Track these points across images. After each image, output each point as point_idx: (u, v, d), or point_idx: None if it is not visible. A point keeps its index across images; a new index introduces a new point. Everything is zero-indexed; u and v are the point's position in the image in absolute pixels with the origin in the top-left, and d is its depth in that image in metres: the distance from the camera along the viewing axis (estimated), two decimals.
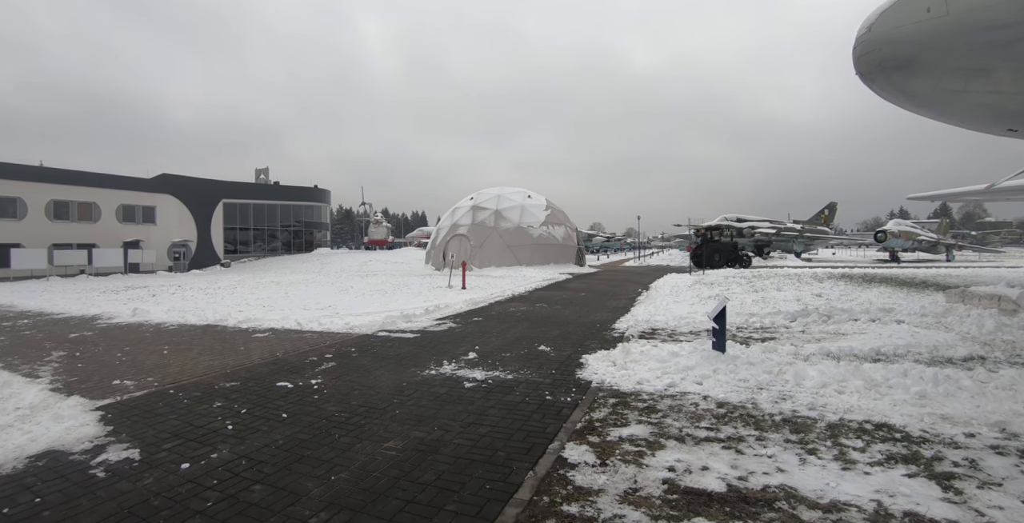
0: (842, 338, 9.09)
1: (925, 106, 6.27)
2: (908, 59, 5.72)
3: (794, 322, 10.64)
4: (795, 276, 23.13)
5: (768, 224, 48.91)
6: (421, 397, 5.69)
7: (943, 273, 26.57)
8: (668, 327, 10.19)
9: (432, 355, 7.75)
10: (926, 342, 8.50)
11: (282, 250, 50.49)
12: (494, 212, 32.11)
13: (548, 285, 20.77)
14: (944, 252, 47.35)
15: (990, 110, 6.07)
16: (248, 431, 4.74)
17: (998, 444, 4.45)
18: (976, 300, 10.79)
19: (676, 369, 6.36)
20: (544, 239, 32.10)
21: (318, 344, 8.64)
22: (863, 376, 6.03)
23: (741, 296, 15.30)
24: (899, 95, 6.16)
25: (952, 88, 5.80)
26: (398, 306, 12.91)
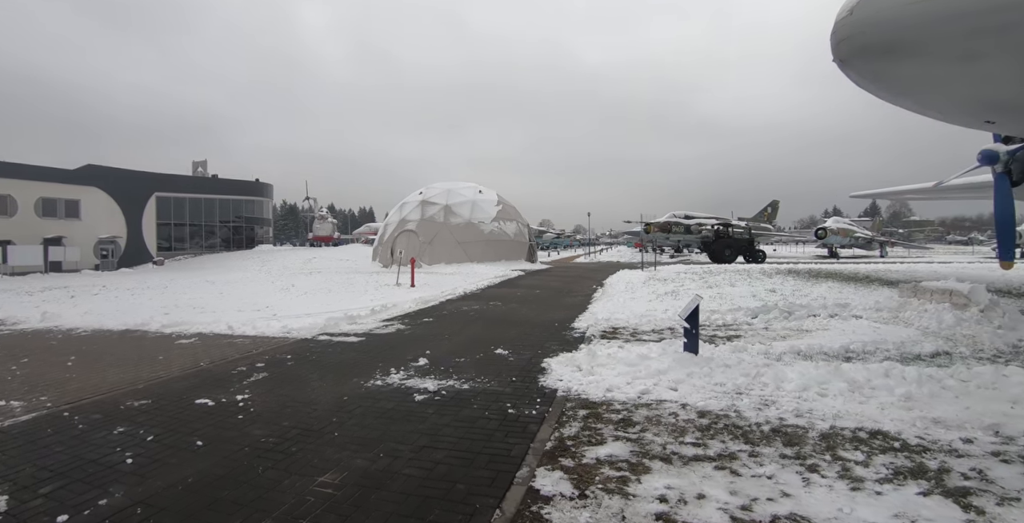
0: (807, 335, 8.84)
1: (905, 94, 5.94)
2: (893, 44, 5.37)
3: (756, 319, 10.39)
4: (744, 272, 23.28)
5: (715, 221, 49.74)
6: (365, 414, 4.94)
7: (882, 269, 27.37)
8: (630, 325, 9.74)
9: (378, 362, 6.98)
10: (891, 338, 8.32)
11: (221, 247, 48.03)
12: (444, 207, 31.22)
13: (501, 282, 20.17)
14: (878, 248, 49.36)
15: (974, 99, 5.79)
16: (152, 466, 3.90)
17: (998, 450, 4.14)
18: (928, 295, 10.78)
19: (647, 373, 5.84)
20: (495, 235, 31.46)
21: (250, 351, 7.72)
22: (844, 377, 5.66)
23: (697, 292, 15.04)
24: (879, 82, 5.81)
25: (938, 75, 5.49)
26: (342, 306, 12.00)
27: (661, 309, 11.27)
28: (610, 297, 14.08)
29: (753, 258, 36.79)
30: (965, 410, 4.95)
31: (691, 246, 49.88)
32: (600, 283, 19.17)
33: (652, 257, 33.44)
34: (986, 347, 8.03)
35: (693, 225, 48.42)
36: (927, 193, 18.41)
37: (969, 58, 5.28)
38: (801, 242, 65.52)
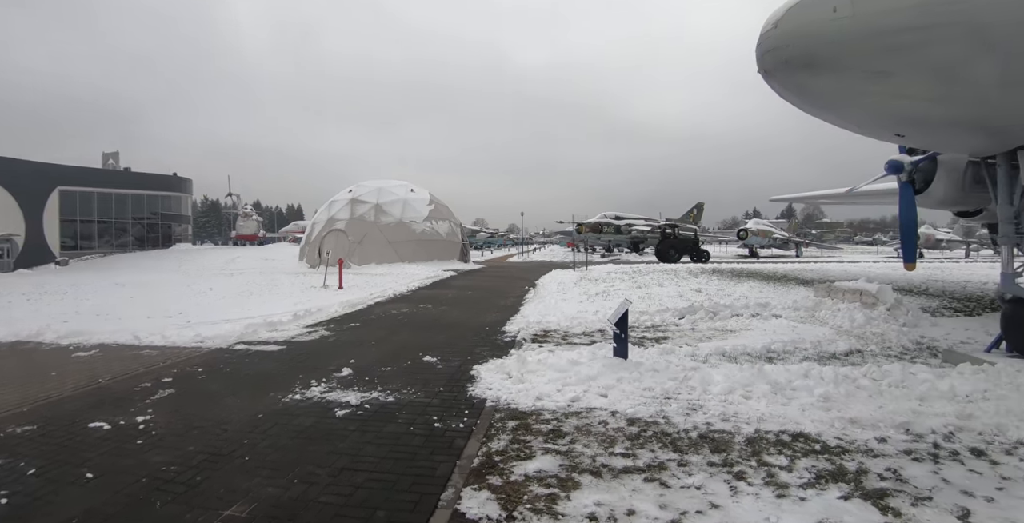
0: (731, 336, 9.09)
1: (823, 107, 6.17)
2: (813, 58, 5.55)
3: (683, 319, 10.62)
4: (671, 271, 23.94)
5: (644, 222, 51.15)
6: (280, 434, 4.60)
7: (798, 268, 28.84)
8: (561, 328, 9.73)
9: (299, 373, 6.59)
10: (808, 337, 8.66)
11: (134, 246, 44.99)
12: (374, 206, 30.45)
13: (432, 283, 19.86)
14: (794, 248, 52.16)
15: (885, 114, 6.08)
16: (33, 505, 3.43)
17: (910, 449, 4.33)
18: (841, 294, 11.35)
19: (578, 379, 5.78)
20: (428, 235, 31.00)
21: (156, 364, 7.13)
22: (767, 379, 5.79)
23: (627, 293, 15.32)
24: (800, 94, 6.00)
25: (853, 90, 5.71)
26: (264, 311, 11.39)
27: (592, 310, 11.34)
28: (542, 298, 14.09)
29: (698, 257, 38.12)
30: (879, 409, 5.16)
31: (621, 246, 51.10)
32: (532, 284, 19.20)
33: (584, 256, 33.91)
34: (893, 344, 8.50)
35: (623, 225, 49.67)
36: (840, 198, 19.49)
37: (881, 75, 5.51)
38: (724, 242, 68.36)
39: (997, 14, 5.27)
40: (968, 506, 3.39)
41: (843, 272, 24.67)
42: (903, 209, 10.99)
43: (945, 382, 5.63)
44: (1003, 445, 4.44)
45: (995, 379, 5.65)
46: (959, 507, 3.37)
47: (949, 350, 7.76)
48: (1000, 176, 6.83)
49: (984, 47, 5.38)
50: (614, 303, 12.86)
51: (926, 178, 11.21)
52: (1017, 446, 4.43)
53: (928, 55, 5.41)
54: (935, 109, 5.86)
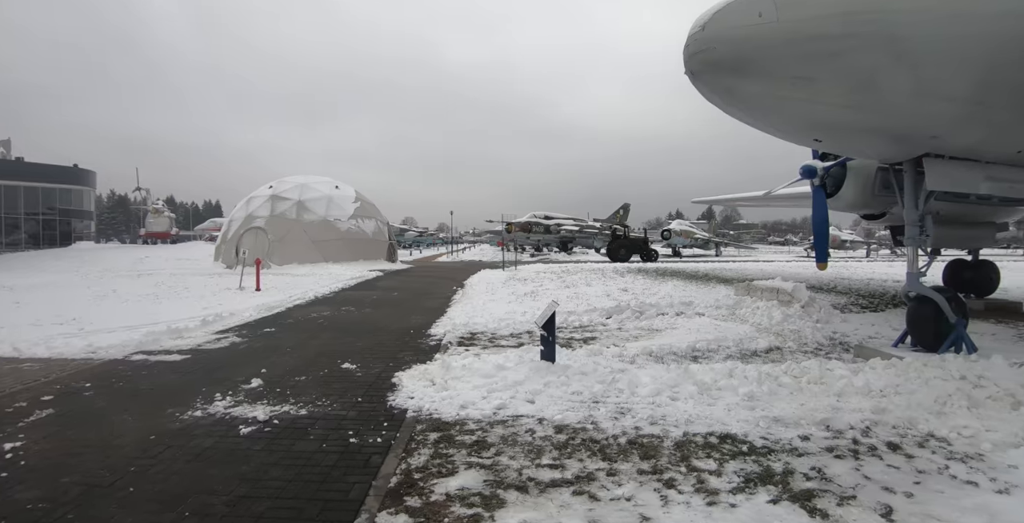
0: (657, 335, 9.16)
1: (747, 111, 6.24)
2: (739, 62, 5.59)
3: (610, 319, 10.64)
4: (599, 271, 24.27)
5: (572, 222, 51.90)
6: (175, 458, 4.09)
7: (718, 267, 29.99)
8: (488, 330, 9.50)
9: (202, 386, 6.00)
10: (731, 335, 8.84)
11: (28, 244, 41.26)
12: (297, 203, 29.14)
13: (357, 284, 19.18)
14: (714, 248, 54.36)
15: (805, 119, 6.22)
16: None
17: (832, 445, 4.38)
18: (759, 293, 11.73)
19: (504, 385, 5.56)
20: (353, 233, 30.01)
21: (37, 379, 6.30)
22: (693, 379, 5.79)
23: (556, 292, 15.31)
24: (726, 98, 6.04)
25: (776, 95, 5.80)
26: (170, 316, 10.49)
27: (520, 311, 11.19)
28: (470, 299, 13.83)
29: (647, 256, 39.33)
30: (800, 407, 5.23)
31: (550, 245, 51.62)
32: (461, 284, 18.91)
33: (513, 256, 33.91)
34: (809, 341, 8.81)
35: (552, 225, 50.19)
36: (758, 201, 20.31)
37: (803, 80, 5.62)
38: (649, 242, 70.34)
39: (911, 27, 5.48)
40: (890, 503, 3.42)
41: (759, 271, 25.82)
42: (815, 211, 11.48)
43: (860, 378, 5.80)
44: (915, 438, 4.59)
45: (904, 373, 5.87)
46: (882, 504, 3.40)
47: (860, 345, 8.11)
48: (906, 182, 7.15)
49: (898, 58, 5.57)
50: (542, 303, 12.76)
51: (837, 183, 11.77)
52: (928, 438, 4.59)
53: (847, 63, 5.55)
54: (851, 116, 6.04)
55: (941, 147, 6.65)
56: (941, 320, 7.14)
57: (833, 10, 5.38)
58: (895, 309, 13.11)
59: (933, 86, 5.81)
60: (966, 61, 5.74)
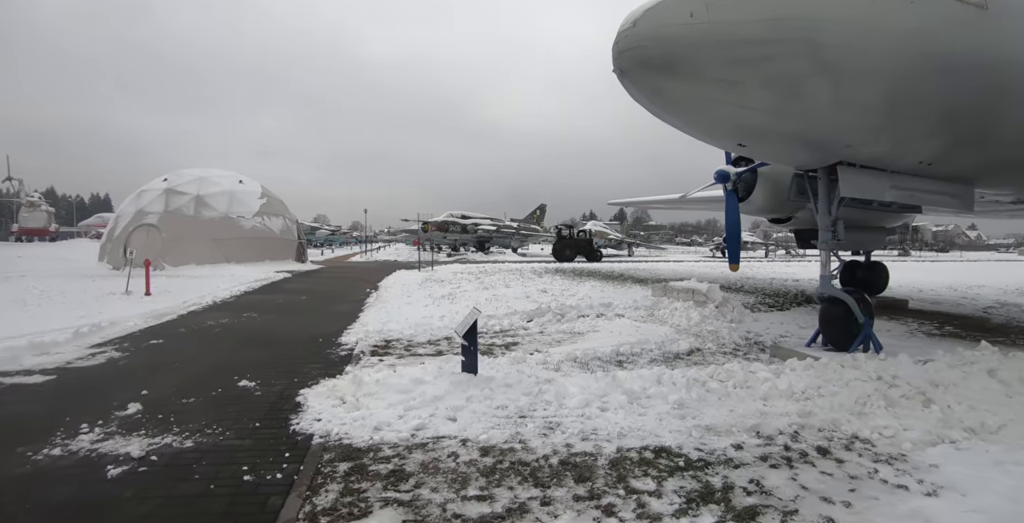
0: (580, 338, 8.98)
1: (675, 113, 6.12)
2: (669, 61, 5.44)
3: (531, 322, 10.37)
4: (517, 271, 24.13)
5: (489, 221, 51.77)
6: (16, 515, 3.29)
7: (632, 267, 30.71)
8: (404, 337, 8.96)
9: (66, 414, 5.05)
10: (652, 337, 8.79)
11: None
12: (195, 198, 26.87)
13: (262, 286, 17.92)
14: (627, 249, 55.93)
15: (731, 124, 6.17)
16: None
17: (765, 453, 4.30)
18: (676, 293, 11.89)
19: (423, 401, 5.09)
20: (259, 232, 28.13)
21: None
22: (622, 388, 5.56)
23: (474, 294, 14.92)
24: (653, 98, 5.88)
25: (704, 97, 5.70)
26: (37, 327, 9.12)
27: (438, 315, 10.71)
28: (384, 302, 13.16)
29: (592, 257, 41.12)
30: (730, 413, 5.12)
31: (468, 245, 51.23)
32: (375, 286, 18.10)
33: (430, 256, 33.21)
34: (727, 341, 8.91)
35: (469, 225, 49.84)
36: (673, 203, 20.87)
37: (731, 84, 5.54)
38: None
39: (833, 36, 5.52)
40: (832, 515, 3.34)
41: (671, 271, 26.62)
42: (728, 215, 11.80)
43: (783, 380, 5.80)
44: (841, 440, 4.60)
45: (824, 374, 5.92)
46: (824, 517, 3.31)
47: (776, 345, 8.26)
48: (821, 188, 7.32)
49: (821, 67, 5.60)
50: (461, 306, 12.35)
51: (748, 188, 12.14)
52: (853, 440, 4.61)
53: (773, 69, 5.53)
54: (776, 122, 6.05)
55: (854, 156, 6.84)
56: (851, 320, 7.37)
57: (762, 15, 5.34)
58: (799, 308, 13.74)
59: (851, 96, 5.92)
60: (880, 74, 5.89)
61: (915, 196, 7.55)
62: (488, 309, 11.77)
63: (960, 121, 6.80)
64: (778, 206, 12.24)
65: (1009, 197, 9.71)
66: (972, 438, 4.71)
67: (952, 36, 6.08)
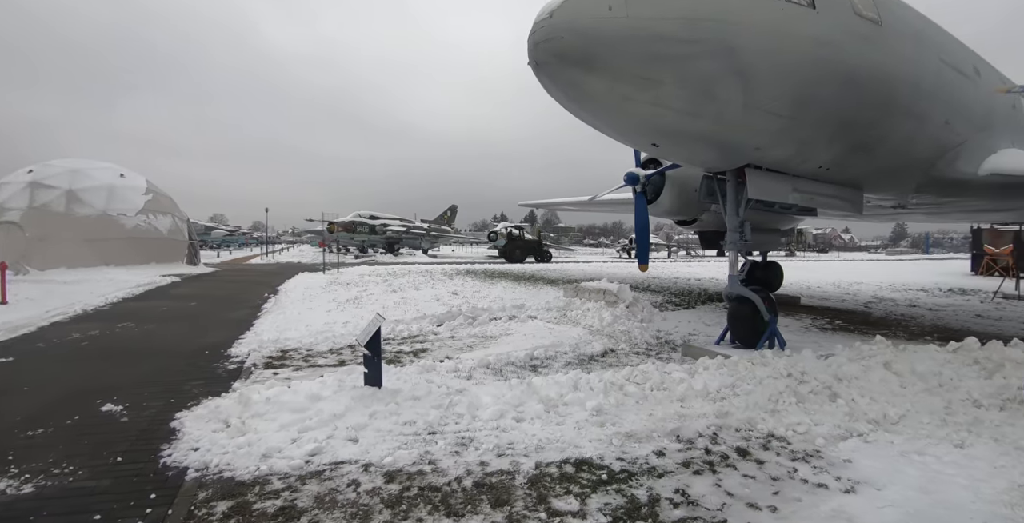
0: (493, 342, 8.65)
1: (591, 110, 5.93)
2: (586, 55, 5.24)
3: (442, 327, 9.93)
4: (427, 273, 23.55)
5: (399, 222, 50.56)
6: None
7: (543, 268, 30.92)
8: (303, 345, 8.26)
9: None
10: (566, 340, 8.62)
11: None
12: (66, 192, 23.95)
13: (145, 292, 16.27)
14: None
15: (647, 123, 6.06)
16: None
17: (687, 459, 4.17)
18: (587, 294, 11.88)
19: (320, 421, 4.56)
20: (143, 232, 25.58)
21: None
22: (538, 395, 5.29)
23: (382, 298, 14.28)
24: (569, 92, 5.66)
25: (621, 94, 5.53)
26: None
27: (341, 321, 10.04)
28: (283, 308, 12.23)
29: (541, 257, 42.51)
30: (649, 417, 4.97)
31: (376, 246, 49.76)
32: (275, 290, 16.94)
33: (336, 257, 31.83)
34: (639, 341, 8.90)
35: (378, 225, 48.41)
36: (583, 205, 21.05)
37: (648, 82, 5.41)
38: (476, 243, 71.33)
39: (747, 40, 5.54)
40: None
41: (581, 272, 26.99)
42: (637, 217, 11.92)
43: (699, 380, 5.74)
44: (759, 440, 4.58)
45: (737, 373, 5.94)
46: None
47: (686, 344, 8.31)
48: (729, 190, 7.42)
49: (734, 69, 5.61)
50: (367, 311, 11.70)
51: (656, 190, 12.34)
52: (770, 439, 4.60)
53: (690, 69, 5.47)
54: (691, 123, 6.01)
55: (761, 159, 6.97)
56: (758, 318, 7.53)
57: (678, 14, 5.27)
58: (703, 306, 14.17)
59: (762, 100, 5.98)
60: (789, 79, 6.01)
61: (814, 199, 7.85)
62: (396, 313, 11.22)
63: (855, 129, 7.12)
64: (685, 208, 12.53)
65: (890, 202, 10.40)
66: (877, 430, 4.84)
67: (851, 48, 6.34)
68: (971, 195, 9.58)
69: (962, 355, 6.41)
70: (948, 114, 8.20)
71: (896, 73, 6.99)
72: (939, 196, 9.86)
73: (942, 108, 8.04)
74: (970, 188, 9.19)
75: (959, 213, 12.92)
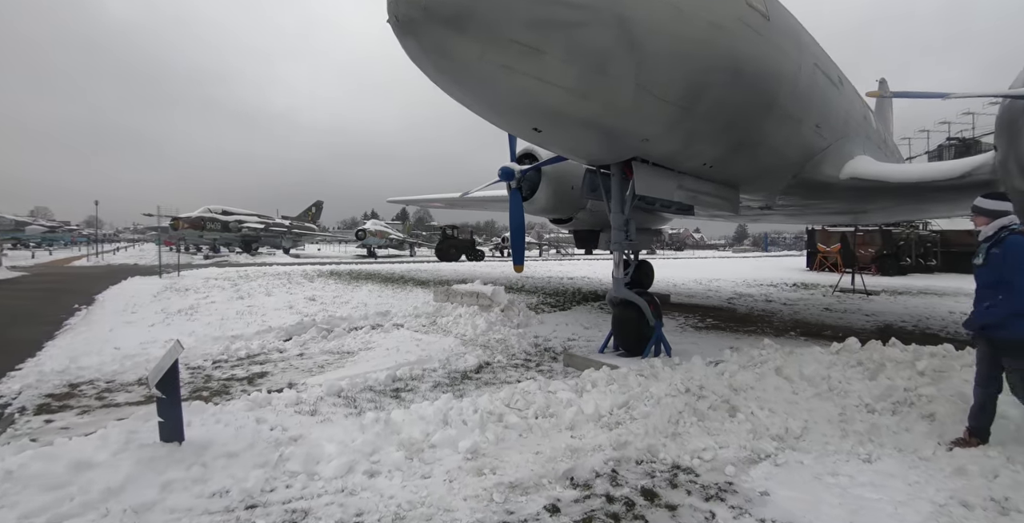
0: (350, 360, 7.40)
1: (463, 82, 4.83)
2: (459, 12, 4.20)
3: (290, 341, 8.48)
4: (285, 275, 21.42)
5: (257, 218, 46.41)
6: None
7: (414, 268, 29.58)
8: (103, 376, 6.48)
9: None
10: (436, 353, 7.62)
11: None
12: None
13: None
14: (408, 249, 54.68)
15: (528, 101, 5.06)
16: None
17: (589, 512, 3.40)
18: (459, 298, 10.97)
19: (86, 502, 3.16)
20: None
21: None
22: (398, 437, 4.23)
23: (224, 306, 12.33)
24: (437, 59, 4.53)
25: (500, 63, 4.51)
26: None
27: (163, 340, 8.20)
28: (91, 324, 9.94)
29: (474, 256, 43.13)
30: (537, 457, 4.11)
31: (232, 245, 45.34)
32: (90, 299, 14.14)
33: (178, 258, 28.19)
34: (517, 351, 8.11)
35: (232, 222, 44.04)
36: (454, 202, 20.06)
37: (531, 51, 4.50)
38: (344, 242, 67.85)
39: (641, 12, 4.82)
40: None
41: (453, 271, 26.06)
42: (513, 215, 11.16)
43: (589, 402, 4.99)
44: (664, 474, 3.94)
45: (629, 389, 5.27)
46: None
47: (567, 353, 7.62)
48: (614, 186, 6.79)
49: (628, 45, 4.87)
50: (201, 324, 9.86)
51: (532, 187, 11.66)
52: (675, 472, 3.98)
53: (579, 38, 4.62)
54: (577, 105, 5.15)
55: (649, 152, 6.39)
56: (643, 323, 7.01)
57: None
58: (580, 306, 13.79)
59: (655, 84, 5.33)
60: (682, 63, 5.42)
61: (697, 197, 7.48)
62: (236, 326, 9.55)
63: (740, 125, 6.79)
64: (561, 206, 11.99)
65: (760, 202, 10.50)
66: (783, 448, 4.44)
67: (743, 37, 5.92)
68: (832, 198, 9.86)
69: (844, 356, 6.29)
70: (819, 118, 8.24)
71: (780, 71, 6.75)
72: (804, 198, 10.07)
73: (815, 112, 8.06)
74: (832, 191, 9.42)
75: (817, 215, 13.57)
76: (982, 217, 4.34)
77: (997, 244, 4.13)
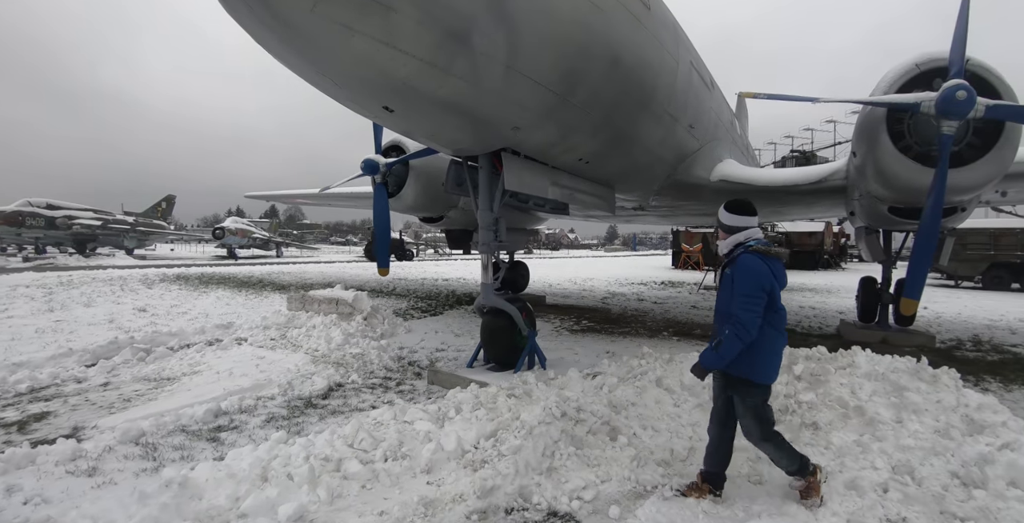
0: (167, 389, 6.05)
1: (296, 46, 3.70)
2: None
3: (94, 367, 6.87)
4: (120, 280, 18.64)
5: (92, 214, 40.70)
6: None
7: (276, 270, 27.26)
8: None
9: None
10: (277, 375, 6.52)
11: None
12: None
13: None
14: (275, 249, 50.89)
15: (376, 72, 4.02)
16: None
17: None
18: (317, 305, 9.81)
19: None
20: None
21: None
22: (196, 507, 3.20)
23: (23, 322, 10.14)
24: (264, 16, 3.44)
25: (340, 21, 3.51)
26: None
27: None
28: None
29: (402, 256, 42.67)
30: (380, 519, 3.25)
31: (64, 244, 39.49)
32: None
33: None
34: (376, 367, 7.19)
35: (60, 218, 38.20)
36: (315, 198, 18.58)
37: (378, 7, 3.56)
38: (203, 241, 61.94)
39: None
40: None
41: (320, 274, 24.30)
42: (377, 212, 10.18)
43: (450, 435, 4.21)
44: None
45: (498, 415, 4.56)
46: None
47: (433, 368, 6.76)
48: (481, 180, 6.02)
49: (497, 12, 4.12)
50: None
51: (399, 182, 10.72)
52: (552, 521, 3.33)
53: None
54: (434, 80, 4.27)
55: (520, 143, 5.72)
56: (515, 333, 6.38)
57: None
58: (452, 310, 13.02)
59: (526, 62, 4.64)
60: (559, 43, 4.78)
61: (574, 196, 6.99)
62: (30, 348, 7.76)
63: (618, 119, 6.38)
64: (431, 204, 11.16)
65: (633, 203, 10.34)
66: (670, 475, 3.90)
67: (624, 24, 5.43)
68: (702, 199, 9.90)
69: None
70: (693, 119, 8.12)
71: (659, 65, 6.40)
72: (676, 199, 10.03)
73: (690, 112, 7.91)
74: (703, 193, 9.43)
75: (686, 216, 13.81)
76: (723, 232, 3.61)
77: (732, 264, 3.43)
